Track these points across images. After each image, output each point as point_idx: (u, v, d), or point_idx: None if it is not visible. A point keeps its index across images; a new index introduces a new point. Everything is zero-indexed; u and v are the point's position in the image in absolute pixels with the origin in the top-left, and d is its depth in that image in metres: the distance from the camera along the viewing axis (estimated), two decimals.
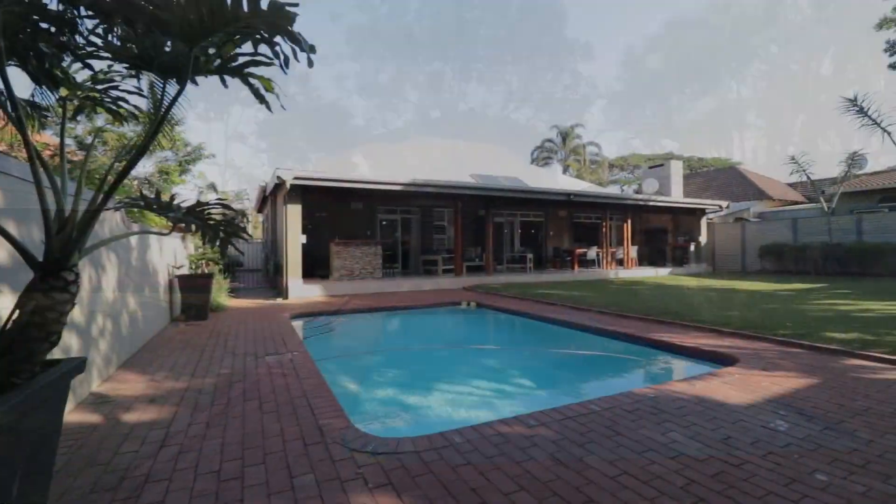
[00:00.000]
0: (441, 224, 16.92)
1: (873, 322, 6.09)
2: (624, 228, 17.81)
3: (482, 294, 10.93)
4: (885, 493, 2.09)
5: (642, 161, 42.25)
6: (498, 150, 23.59)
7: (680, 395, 3.46)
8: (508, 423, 3.01)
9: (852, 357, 4.49)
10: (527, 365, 5.88)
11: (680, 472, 2.31)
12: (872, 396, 3.37)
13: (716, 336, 5.61)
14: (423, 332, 8.35)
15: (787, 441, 2.65)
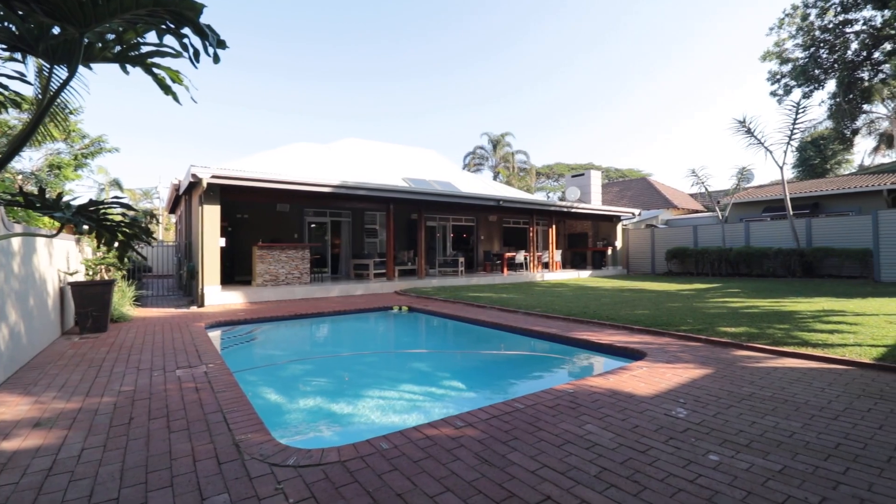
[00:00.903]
0: (373, 227, 16.70)
1: (758, 317, 6.94)
2: (549, 233, 18.75)
3: (414, 298, 10.93)
4: (765, 469, 2.38)
5: (566, 170, 44.87)
6: (431, 155, 23.77)
7: (596, 390, 3.70)
8: (436, 425, 3.03)
9: (741, 348, 5.08)
10: (457, 367, 5.96)
11: (594, 462, 2.46)
12: (756, 383, 3.83)
13: (628, 333, 6.07)
14: (354, 337, 8.16)
15: (685, 426, 2.93)
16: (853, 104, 15.99)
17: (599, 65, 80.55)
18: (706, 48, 73.64)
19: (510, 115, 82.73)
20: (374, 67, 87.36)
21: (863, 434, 2.77)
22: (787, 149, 16.20)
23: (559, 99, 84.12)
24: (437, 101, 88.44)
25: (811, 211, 18.49)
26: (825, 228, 15.05)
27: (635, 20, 72.86)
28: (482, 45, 78.96)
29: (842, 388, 3.65)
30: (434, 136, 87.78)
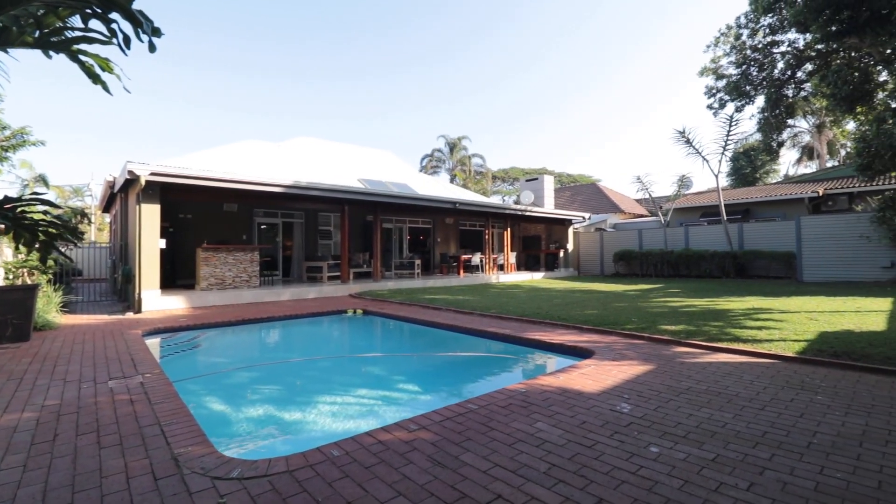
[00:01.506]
0: (327, 229, 16.32)
1: (695, 315, 7.39)
2: (505, 236, 19.10)
3: (369, 301, 10.78)
4: (700, 458, 2.53)
5: (521, 174, 45.91)
6: (387, 156, 23.58)
7: (547, 388, 3.79)
8: (389, 429, 3.00)
9: (680, 345, 5.39)
10: (413, 370, 5.93)
11: (544, 459, 2.52)
12: (693, 377, 4.07)
13: (577, 332, 6.29)
14: (306, 342, 7.94)
15: (629, 421, 3.06)
16: (779, 119, 17.41)
17: (553, 71, 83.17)
18: (652, 57, 77.82)
19: (467, 118, 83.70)
20: (328, 66, 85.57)
21: (786, 422, 3.01)
22: (722, 158, 17.42)
23: (515, 103, 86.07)
24: (394, 102, 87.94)
25: (743, 216, 19.96)
26: (755, 233, 16.28)
27: (586, 28, 75.90)
28: (439, 48, 79.43)
29: (768, 380, 3.95)
30: (391, 137, 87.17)
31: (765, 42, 16.33)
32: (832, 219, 14.09)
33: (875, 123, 11.93)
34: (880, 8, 7.57)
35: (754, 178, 32.39)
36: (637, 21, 73.41)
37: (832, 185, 19.57)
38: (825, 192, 19.01)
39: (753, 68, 16.74)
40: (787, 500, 2.08)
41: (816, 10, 9.76)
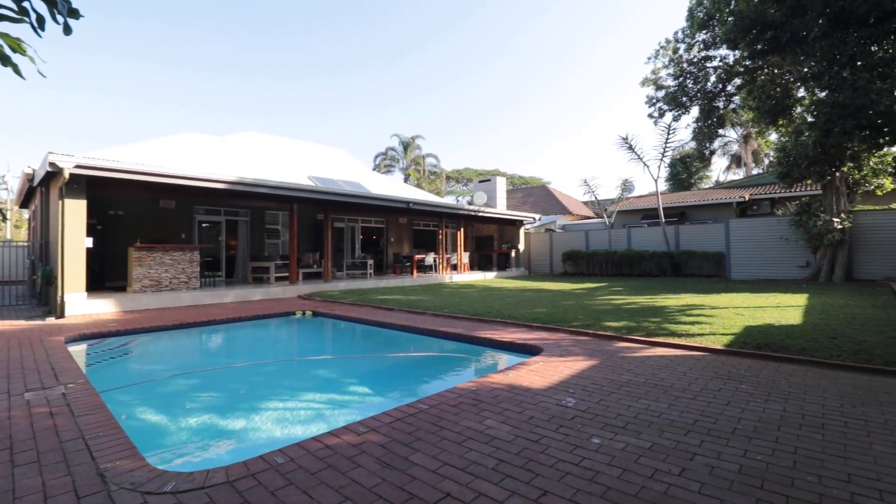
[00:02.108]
0: (274, 228, 15.74)
1: (636, 312, 7.79)
2: (458, 236, 19.25)
3: (319, 302, 10.50)
4: (638, 447, 2.66)
5: (474, 175, 46.46)
6: (339, 154, 23.08)
7: (496, 386, 3.86)
8: (337, 433, 2.93)
9: (621, 341, 5.65)
10: (364, 372, 5.84)
11: (492, 455, 2.56)
12: (633, 371, 4.29)
13: (527, 330, 6.45)
14: (250, 346, 7.60)
15: (573, 414, 3.18)
16: (711, 129, 18.70)
17: (507, 73, 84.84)
18: (599, 63, 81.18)
19: (421, 118, 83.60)
20: (278, 62, 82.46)
21: (714, 410, 3.24)
22: (661, 164, 18.50)
23: (469, 104, 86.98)
24: (347, 100, 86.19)
25: (679, 219, 21.30)
26: (689, 234, 17.42)
27: (536, 32, 78.01)
28: (393, 46, 78.83)
29: (700, 371, 4.23)
30: (344, 136, 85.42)
31: (699, 57, 17.48)
32: (756, 222, 15.34)
33: (793, 135, 13.11)
34: (799, 31, 8.34)
35: (689, 184, 34.67)
36: (584, 29, 76.44)
37: (757, 190, 21.32)
38: (751, 197, 20.67)
39: (689, 81, 17.88)
40: (714, 483, 2.23)
41: (744, 30, 10.59)
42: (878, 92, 7.38)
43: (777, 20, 9.47)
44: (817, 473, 2.31)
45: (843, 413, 3.14)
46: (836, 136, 9.34)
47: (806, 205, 13.83)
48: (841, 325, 6.11)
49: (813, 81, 9.83)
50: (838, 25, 7.36)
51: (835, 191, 13.33)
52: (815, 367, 4.32)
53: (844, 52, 7.38)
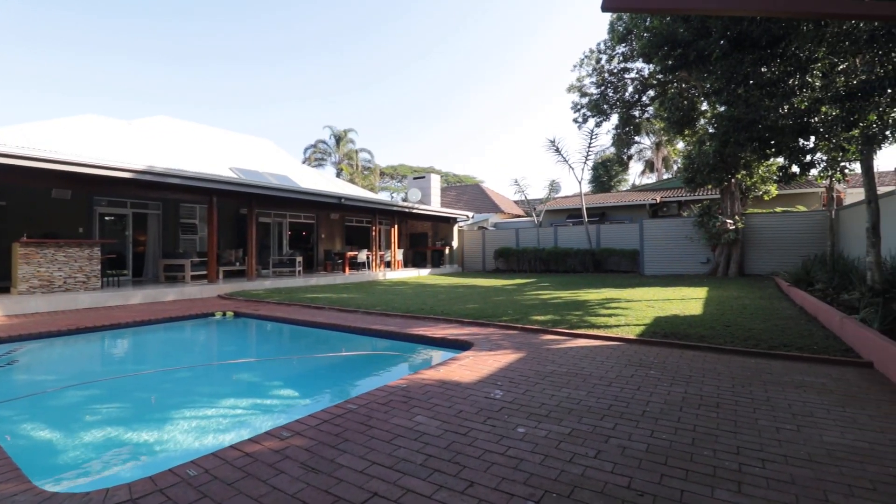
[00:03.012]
0: (191, 222, 14.58)
1: (561, 306, 8.21)
2: (392, 233, 19.08)
3: (242, 302, 9.90)
4: (559, 433, 2.80)
5: (409, 172, 46.28)
6: (265, 145, 21.89)
7: (427, 382, 3.87)
8: (259, 440, 2.77)
9: (547, 333, 5.92)
10: (291, 374, 5.59)
11: (421, 451, 2.56)
12: (556, 362, 4.51)
13: (459, 326, 6.55)
14: (162, 351, 6.99)
15: (501, 406, 3.27)
16: (629, 135, 20.15)
17: (442, 71, 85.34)
18: (530, 66, 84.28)
19: (355, 113, 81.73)
20: (201, 48, 76.02)
21: (627, 395, 3.49)
22: (585, 167, 19.64)
23: (405, 101, 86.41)
24: (276, 91, 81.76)
25: (600, 218, 22.75)
26: (609, 233, 18.67)
27: (473, 31, 79.29)
28: (326, 39, 76.14)
29: (615, 360, 4.55)
30: (272, 128, 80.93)
31: (619, 68, 18.75)
32: (666, 222, 16.81)
33: (697, 145, 14.52)
34: (704, 50, 9.22)
35: (610, 186, 37.17)
36: (517, 32, 79.00)
37: (667, 193, 23.35)
38: (661, 199, 22.60)
39: (610, 90, 19.13)
40: (625, 463, 2.40)
41: (657, 46, 11.52)
42: (766, 108, 8.38)
43: (685, 39, 10.40)
44: (712, 448, 2.58)
45: (734, 393, 3.53)
46: (732, 146, 10.47)
47: (707, 207, 15.40)
48: (734, 314, 6.87)
49: (714, 97, 10.92)
50: (736, 47, 8.24)
51: (730, 195, 14.97)
52: (712, 353, 4.81)
53: (740, 71, 8.27)
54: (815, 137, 8.21)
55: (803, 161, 8.95)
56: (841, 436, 2.72)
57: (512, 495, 2.10)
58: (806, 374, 3.98)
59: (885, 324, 4.63)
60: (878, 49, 5.00)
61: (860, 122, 6.08)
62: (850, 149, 7.21)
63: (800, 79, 7.75)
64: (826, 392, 3.51)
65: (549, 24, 74.26)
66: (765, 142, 9.30)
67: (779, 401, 3.33)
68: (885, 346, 3.96)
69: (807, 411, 3.11)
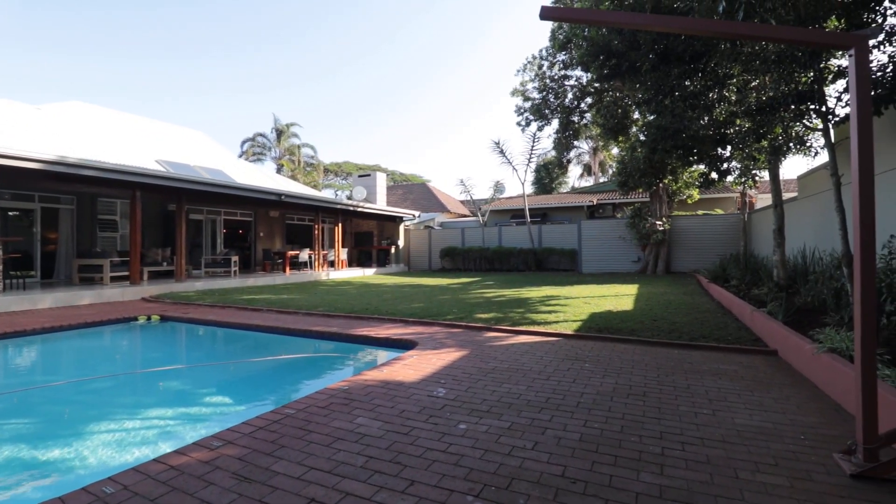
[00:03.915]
0: (111, 219, 13.39)
1: (504, 304, 8.41)
2: (336, 231, 18.62)
3: (170, 304, 9.24)
4: (499, 428, 2.86)
5: (354, 169, 45.39)
6: (197, 136, 20.55)
7: (370, 383, 3.82)
8: (186, 451, 2.60)
9: (490, 331, 6.04)
10: (224, 380, 5.29)
11: (362, 453, 2.52)
12: (498, 358, 4.61)
13: (404, 325, 6.52)
14: (76, 360, 6.36)
15: (443, 404, 3.29)
16: (568, 140, 21.03)
17: (390, 69, 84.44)
18: (479, 65, 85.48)
19: (299, 108, 78.73)
20: (137, 39, 69.48)
21: (563, 388, 3.64)
22: (527, 169, 20.25)
23: (351, 97, 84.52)
24: (212, 84, 76.71)
25: (542, 219, 23.57)
26: (550, 233, 19.38)
27: (421, 29, 79.15)
28: (267, 30, 72.73)
29: (554, 355, 4.73)
30: (209, 122, 75.91)
31: (560, 75, 19.52)
32: (602, 223, 17.73)
33: (630, 151, 15.43)
34: (635, 62, 9.82)
35: (551, 188, 38.62)
36: (465, 33, 79.87)
37: (602, 196, 24.63)
38: (598, 201, 23.81)
39: (551, 96, 19.86)
40: (560, 452, 2.50)
41: (594, 55, 12.13)
42: (689, 119, 9.09)
43: (619, 50, 11.03)
44: (638, 434, 2.75)
45: (659, 382, 3.79)
46: (660, 153, 11.26)
47: (638, 210, 16.42)
48: (661, 309, 7.38)
49: (644, 106, 11.67)
50: (663, 61, 8.87)
51: (659, 199, 16.07)
52: (641, 345, 5.14)
53: (667, 83, 8.91)
54: (730, 147, 9.00)
55: (721, 168, 9.81)
56: (749, 418, 3.00)
57: (452, 491, 2.12)
58: (721, 363, 4.36)
59: (788, 316, 5.17)
60: (783, 68, 5.57)
61: (768, 135, 6.74)
62: (760, 158, 7.97)
63: (718, 93, 8.47)
64: (738, 378, 3.86)
65: (495, 27, 75.85)
66: (688, 150, 10.07)
67: (697, 388, 3.61)
68: (787, 335, 4.43)
69: (721, 397, 3.41)
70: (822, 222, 7.75)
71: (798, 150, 6.81)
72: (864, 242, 2.33)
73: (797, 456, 2.46)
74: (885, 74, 4.77)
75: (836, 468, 2.31)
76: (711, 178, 9.96)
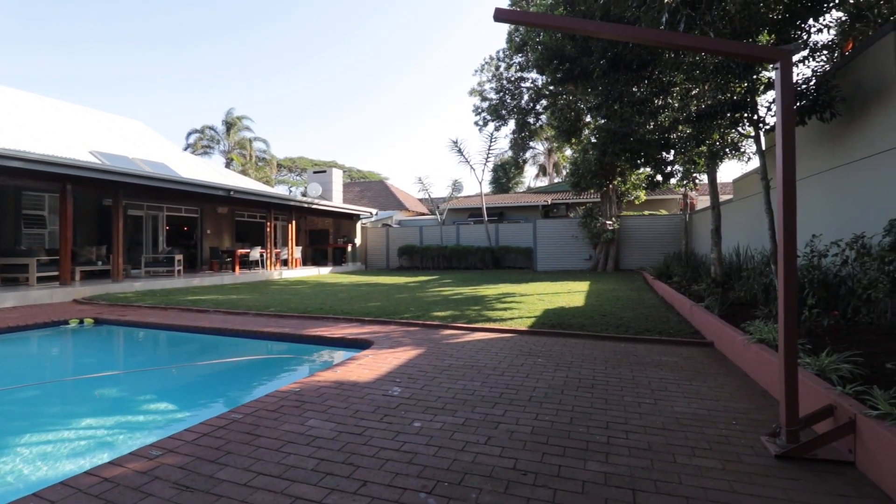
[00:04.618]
0: (38, 214, 12.31)
1: (461, 301, 8.47)
2: (289, 229, 18.06)
3: (106, 306, 8.63)
4: (454, 424, 2.88)
5: (310, 165, 44.23)
6: (136, 127, 19.28)
7: (323, 384, 3.73)
8: (122, 462, 2.43)
9: (447, 328, 6.07)
10: (166, 386, 5.00)
11: (313, 455, 2.46)
12: (454, 355, 4.64)
13: (359, 325, 6.42)
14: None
15: (398, 402, 3.27)
16: (524, 140, 21.47)
17: (348, 64, 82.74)
18: (439, 64, 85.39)
19: (252, 101, 75.74)
20: (80, 28, 63.54)
21: (516, 383, 3.71)
22: (485, 168, 20.50)
23: (307, 92, 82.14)
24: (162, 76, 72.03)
25: (499, 218, 23.94)
26: (507, 232, 19.72)
27: (379, 26, 78.09)
28: (225, 21, 69.20)
29: (508, 351, 4.82)
30: (155, 114, 71.22)
31: (516, 77, 19.89)
32: (556, 222, 18.25)
33: (582, 153, 15.97)
34: (587, 67, 10.16)
35: (508, 187, 39.29)
36: (425, 31, 79.61)
37: (557, 196, 25.35)
38: (552, 201, 24.48)
39: (508, 97, 20.21)
40: (512, 446, 2.56)
41: (548, 59, 12.45)
42: (637, 124, 9.54)
43: (572, 56, 11.38)
44: (586, 424, 2.86)
45: (606, 374, 3.95)
46: (609, 156, 11.75)
47: (589, 210, 17.04)
48: (610, 305, 7.70)
49: (595, 110, 12.12)
50: (613, 67, 9.24)
51: (608, 199, 16.74)
52: (590, 340, 5.34)
53: (616, 89, 9.29)
54: (674, 151, 9.52)
55: (665, 171, 10.35)
56: (687, 405, 3.19)
57: (405, 489, 2.11)
58: (663, 355, 4.61)
59: (723, 310, 5.54)
60: (720, 79, 5.95)
61: (707, 140, 7.18)
62: (700, 162, 8.48)
63: (663, 100, 8.93)
64: (678, 369, 4.09)
65: (455, 27, 76.13)
66: (636, 153, 10.57)
67: (641, 379, 3.80)
68: (722, 328, 4.74)
69: (662, 387, 3.60)
70: (754, 223, 8.36)
71: (733, 156, 7.31)
72: (788, 242, 2.54)
73: (729, 440, 2.64)
74: (810, 87, 5.21)
75: (763, 450, 2.51)
76: (657, 180, 10.49)
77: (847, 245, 4.37)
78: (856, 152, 5.13)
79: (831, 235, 5.02)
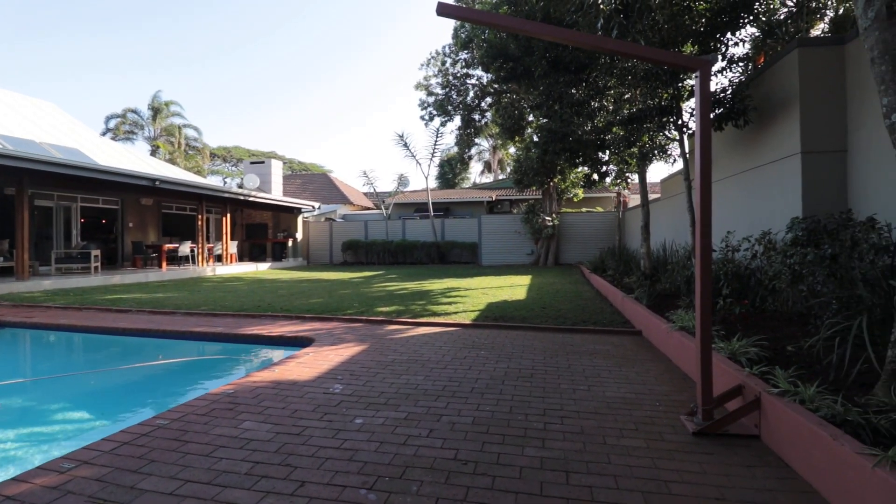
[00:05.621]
0: None
1: (406, 296, 8.44)
2: (224, 222, 17.09)
3: (9, 308, 7.72)
4: (396, 419, 2.87)
5: (246, 155, 42.01)
6: (47, 108, 17.35)
7: (259, 384, 3.57)
8: (27, 478, 2.19)
9: (391, 324, 6.03)
10: (80, 393, 4.56)
11: (247, 459, 2.35)
12: (398, 350, 4.62)
13: (300, 322, 6.21)
14: None
15: (339, 400, 3.21)
16: (470, 137, 21.70)
17: (289, 53, 79.17)
18: (385, 56, 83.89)
19: (184, 87, 70.32)
20: None
21: (460, 375, 3.77)
22: (431, 163, 20.50)
23: (245, 79, 77.67)
24: (83, 59, 64.86)
25: (445, 213, 24.08)
26: (452, 227, 19.89)
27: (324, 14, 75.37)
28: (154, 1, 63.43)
29: (452, 344, 4.87)
30: (75, 101, 64.22)
31: (462, 73, 20.00)
32: (500, 218, 18.67)
33: (525, 151, 16.42)
34: (529, 67, 10.43)
35: (454, 183, 39.60)
36: (371, 20, 77.89)
37: (501, 192, 25.90)
38: (497, 197, 24.99)
39: (454, 92, 20.29)
40: (453, 437, 2.59)
41: (493, 57, 12.66)
42: (575, 124, 9.96)
43: (516, 55, 11.64)
44: (525, 412, 2.96)
45: (545, 364, 4.11)
46: (550, 154, 12.17)
47: (531, 206, 17.59)
48: (549, 297, 8.00)
49: (537, 110, 12.50)
50: (554, 68, 9.57)
51: (550, 196, 17.36)
52: (531, 331, 5.52)
53: (556, 90, 9.64)
54: (608, 151, 10.03)
55: (601, 170, 10.90)
56: (617, 390, 3.40)
57: (345, 487, 2.07)
58: (597, 344, 4.86)
59: (651, 300, 5.93)
60: (650, 85, 6.35)
61: (637, 142, 7.64)
62: (632, 163, 9.01)
63: (599, 102, 9.38)
64: (609, 357, 4.34)
65: (401, 19, 75.17)
66: (574, 152, 11.02)
67: (577, 367, 3.99)
68: (649, 317, 5.08)
69: (595, 373, 3.80)
70: (678, 220, 9.03)
71: (661, 157, 7.84)
72: (704, 237, 2.76)
73: (653, 420, 2.84)
74: (727, 96, 5.69)
75: (682, 428, 2.72)
76: (593, 178, 11.02)
77: (756, 241, 4.85)
78: (765, 156, 5.69)
79: (744, 232, 5.54)
